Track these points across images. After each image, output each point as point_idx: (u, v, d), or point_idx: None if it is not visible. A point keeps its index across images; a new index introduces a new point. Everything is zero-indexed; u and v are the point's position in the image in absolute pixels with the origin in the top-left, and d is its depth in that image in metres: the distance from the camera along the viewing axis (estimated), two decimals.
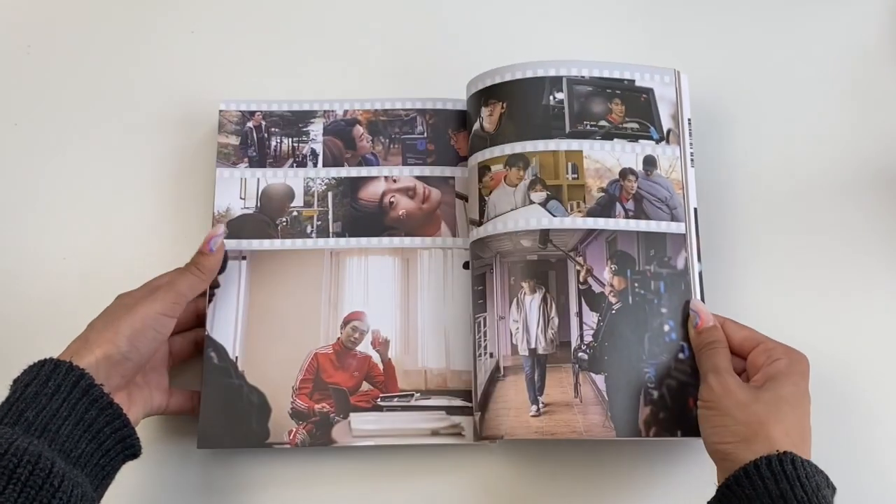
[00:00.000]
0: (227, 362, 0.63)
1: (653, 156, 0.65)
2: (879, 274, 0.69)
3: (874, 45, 0.76)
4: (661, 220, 0.64)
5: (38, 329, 0.66)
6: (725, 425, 0.53)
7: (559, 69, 0.65)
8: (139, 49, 0.76)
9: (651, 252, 0.63)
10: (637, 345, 0.61)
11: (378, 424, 0.62)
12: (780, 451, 0.50)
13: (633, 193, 0.64)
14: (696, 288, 0.63)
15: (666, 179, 0.65)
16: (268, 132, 0.69)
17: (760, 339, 0.59)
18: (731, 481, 0.50)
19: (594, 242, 0.63)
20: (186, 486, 0.62)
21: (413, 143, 0.69)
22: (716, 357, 0.58)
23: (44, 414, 0.49)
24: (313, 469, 0.63)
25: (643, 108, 0.66)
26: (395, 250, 0.66)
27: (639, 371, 0.60)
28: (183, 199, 0.70)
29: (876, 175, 0.72)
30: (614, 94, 0.66)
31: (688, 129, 0.67)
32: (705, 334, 0.60)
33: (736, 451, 0.52)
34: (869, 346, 0.67)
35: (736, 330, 0.60)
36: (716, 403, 0.55)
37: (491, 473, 0.63)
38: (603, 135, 0.65)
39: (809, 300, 0.68)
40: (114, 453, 0.52)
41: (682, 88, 0.67)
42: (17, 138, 0.73)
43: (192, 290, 0.59)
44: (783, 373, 0.56)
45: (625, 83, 0.66)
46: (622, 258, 0.63)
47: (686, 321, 0.61)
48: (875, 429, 0.65)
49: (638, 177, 0.64)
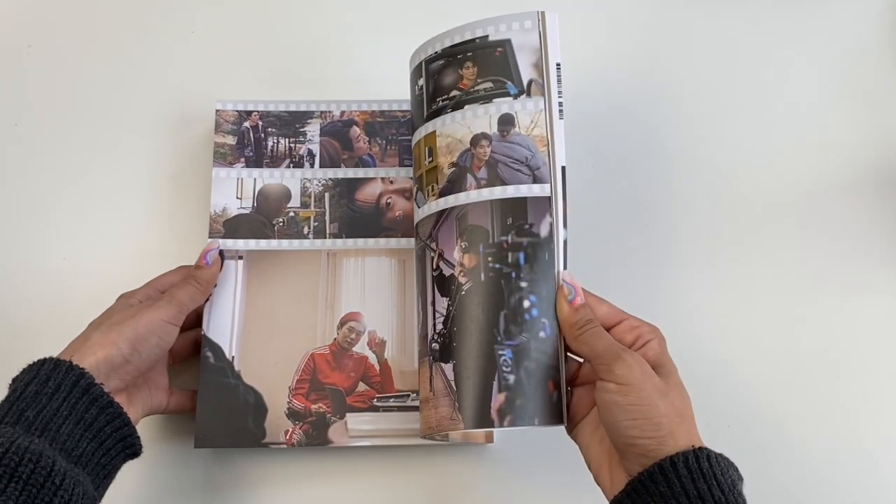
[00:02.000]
0: (224, 362, 0.63)
1: (509, 114, 0.56)
2: (880, 273, 0.69)
3: (874, 45, 0.76)
4: (520, 183, 0.56)
5: (38, 329, 0.66)
6: (648, 417, 0.48)
7: (420, 54, 0.60)
8: (138, 49, 0.76)
9: (508, 220, 0.55)
10: (489, 327, 0.54)
11: (374, 425, 0.62)
12: (696, 447, 0.47)
13: (486, 160, 0.56)
14: (560, 257, 0.55)
15: (526, 137, 0.56)
16: (264, 132, 0.69)
17: (622, 315, 0.54)
18: (645, 477, 0.47)
19: (445, 223, 0.57)
20: (183, 486, 0.63)
21: (410, 145, 0.69)
22: (606, 335, 0.52)
23: (44, 413, 0.49)
24: (309, 469, 0.63)
25: (498, 64, 0.57)
26: (392, 251, 0.66)
27: (491, 355, 0.53)
28: (180, 198, 0.70)
29: (876, 175, 0.72)
30: (465, 58, 0.58)
31: (555, 77, 0.57)
32: (583, 311, 0.53)
33: (660, 448, 0.47)
34: (870, 345, 0.67)
35: (598, 304, 0.54)
36: (635, 388, 0.48)
37: (486, 474, 0.63)
38: (453, 106, 0.58)
39: (809, 300, 0.68)
40: (114, 452, 0.53)
41: (546, 31, 0.57)
42: (17, 138, 0.73)
43: (192, 301, 0.60)
44: (663, 354, 0.52)
45: (476, 42, 0.58)
46: (473, 233, 0.56)
47: (554, 296, 0.54)
48: (877, 428, 0.65)
49: (491, 140, 0.57)
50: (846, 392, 0.66)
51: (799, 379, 0.66)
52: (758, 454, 0.64)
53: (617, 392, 0.49)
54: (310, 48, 0.76)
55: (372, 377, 0.63)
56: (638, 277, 0.68)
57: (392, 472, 0.63)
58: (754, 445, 0.64)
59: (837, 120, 0.74)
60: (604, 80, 0.74)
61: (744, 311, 0.67)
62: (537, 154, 0.56)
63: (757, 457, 0.64)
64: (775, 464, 0.64)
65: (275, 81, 0.74)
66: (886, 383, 0.66)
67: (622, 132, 0.73)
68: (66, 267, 0.69)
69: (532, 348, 0.53)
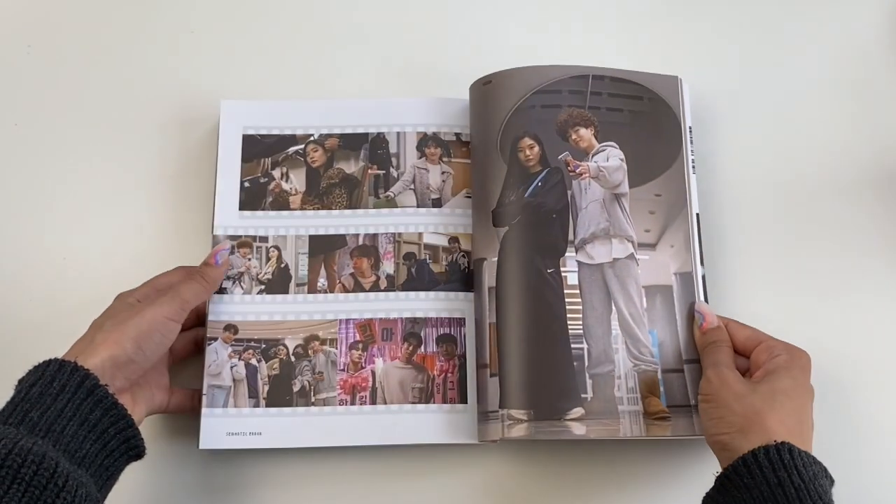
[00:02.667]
0: None
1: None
2: (880, 273, 0.69)
3: (874, 45, 0.76)
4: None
5: (38, 329, 0.66)
6: (722, 417, 0.54)
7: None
8: (139, 49, 0.75)
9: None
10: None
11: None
12: (778, 441, 0.51)
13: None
14: (700, 290, 0.64)
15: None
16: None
17: (763, 338, 0.60)
18: (730, 471, 0.51)
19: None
20: (187, 486, 0.62)
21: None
22: (717, 353, 0.59)
23: (48, 414, 0.49)
24: (313, 469, 0.63)
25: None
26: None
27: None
28: (183, 198, 0.70)
29: (875, 175, 0.72)
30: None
31: (689, 137, 0.68)
32: (709, 334, 0.61)
33: (733, 442, 0.53)
34: (870, 344, 0.67)
35: (739, 330, 0.61)
36: (714, 396, 0.56)
37: (490, 473, 0.63)
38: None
39: (809, 300, 0.68)
40: (118, 454, 0.52)
41: (683, 96, 0.69)
42: (17, 138, 0.72)
43: (196, 297, 0.60)
44: (782, 367, 0.57)
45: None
46: None
47: (692, 323, 0.63)
48: (880, 428, 0.65)
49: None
50: (845, 392, 0.66)
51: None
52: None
53: (702, 400, 0.57)
54: (312, 48, 0.76)
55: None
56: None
57: (395, 472, 0.63)
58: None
59: (837, 120, 0.74)
60: None
61: (742, 310, 0.67)
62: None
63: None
64: None
65: (277, 81, 0.74)
66: (886, 383, 0.66)
67: None
68: (66, 267, 0.68)
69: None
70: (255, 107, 0.70)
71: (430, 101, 0.71)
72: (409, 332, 0.64)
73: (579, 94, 0.68)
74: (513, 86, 0.67)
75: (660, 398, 0.61)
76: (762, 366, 0.58)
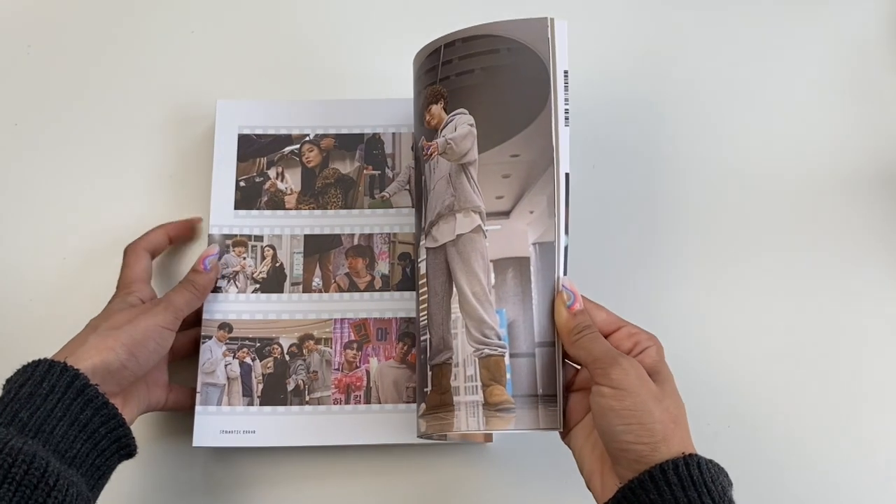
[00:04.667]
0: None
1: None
2: (879, 273, 0.69)
3: (874, 45, 0.76)
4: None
5: (38, 329, 0.66)
6: (642, 423, 0.47)
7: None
8: (137, 49, 0.76)
9: None
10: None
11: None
12: (686, 454, 0.47)
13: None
14: (561, 263, 0.56)
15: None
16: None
17: (620, 322, 0.54)
18: (635, 485, 0.46)
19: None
20: (181, 484, 0.63)
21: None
22: (604, 340, 0.52)
23: (38, 414, 0.49)
24: (307, 468, 0.63)
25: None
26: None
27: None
28: (179, 197, 0.70)
29: (875, 175, 0.72)
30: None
31: (563, 84, 0.57)
32: (581, 317, 0.53)
33: (653, 454, 0.47)
34: (870, 344, 0.67)
35: (596, 310, 0.54)
36: (630, 394, 0.48)
37: (484, 474, 0.63)
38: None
39: (809, 300, 0.68)
40: (109, 453, 0.52)
41: (555, 38, 0.57)
42: (17, 138, 0.73)
43: (188, 306, 0.60)
44: (661, 362, 0.52)
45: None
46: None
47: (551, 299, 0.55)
48: (875, 428, 0.65)
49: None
50: (845, 391, 0.66)
51: (798, 378, 0.66)
52: (757, 454, 0.64)
53: (612, 397, 0.48)
54: (310, 47, 0.76)
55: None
56: (634, 278, 0.68)
57: (391, 472, 0.63)
58: (753, 445, 0.64)
59: (837, 120, 0.73)
60: (602, 81, 0.74)
61: (743, 311, 0.67)
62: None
63: (756, 457, 0.64)
64: (775, 463, 0.64)
65: (273, 81, 0.74)
66: (885, 383, 0.66)
67: (621, 133, 0.73)
68: (66, 267, 0.69)
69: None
70: (250, 107, 0.70)
71: None
72: (404, 331, 0.65)
73: (432, 72, 0.60)
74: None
75: (505, 386, 0.54)
76: (629, 354, 0.51)
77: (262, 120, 0.70)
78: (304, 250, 0.67)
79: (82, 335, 0.55)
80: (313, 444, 0.62)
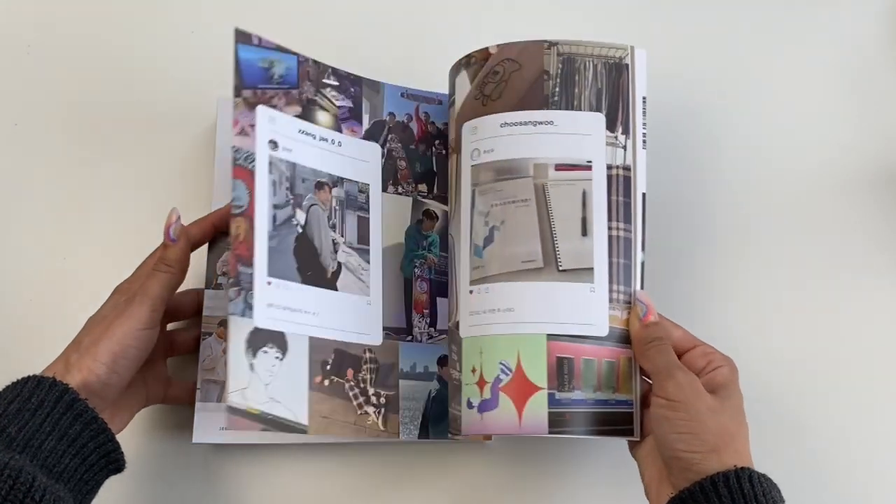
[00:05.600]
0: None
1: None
2: (879, 273, 0.69)
3: (874, 45, 0.76)
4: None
5: (38, 329, 0.66)
6: (694, 433, 0.50)
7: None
8: (138, 48, 0.76)
9: None
10: None
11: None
12: (738, 467, 0.48)
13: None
14: (638, 277, 0.59)
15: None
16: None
17: (696, 341, 0.56)
18: (686, 495, 0.48)
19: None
20: (181, 480, 0.63)
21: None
22: (669, 353, 0.54)
23: (27, 429, 0.49)
24: (306, 465, 0.63)
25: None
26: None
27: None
28: (181, 196, 0.70)
29: (875, 175, 0.72)
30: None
31: (641, 109, 0.61)
32: (652, 329, 0.56)
33: (703, 463, 0.49)
34: (870, 345, 0.67)
35: (672, 328, 0.57)
36: (685, 405, 0.50)
37: (482, 473, 0.64)
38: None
39: (809, 300, 0.68)
40: (97, 468, 0.52)
41: (634, 65, 0.61)
42: (17, 138, 0.73)
43: (166, 289, 0.56)
44: (730, 381, 0.53)
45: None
46: None
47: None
48: (884, 427, 0.65)
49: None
50: (846, 392, 0.66)
51: (799, 378, 0.66)
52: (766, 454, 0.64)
53: (667, 407, 0.51)
54: (310, 46, 0.76)
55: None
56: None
57: (391, 470, 0.63)
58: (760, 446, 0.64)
59: (837, 120, 0.74)
60: None
61: (743, 311, 0.68)
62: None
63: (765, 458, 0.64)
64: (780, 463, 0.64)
65: None
66: (888, 383, 0.66)
67: None
68: (66, 267, 0.69)
69: None
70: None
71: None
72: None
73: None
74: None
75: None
76: (701, 373, 0.54)
77: None
78: None
79: (64, 354, 0.54)
80: (312, 442, 0.62)
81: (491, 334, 0.58)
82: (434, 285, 0.65)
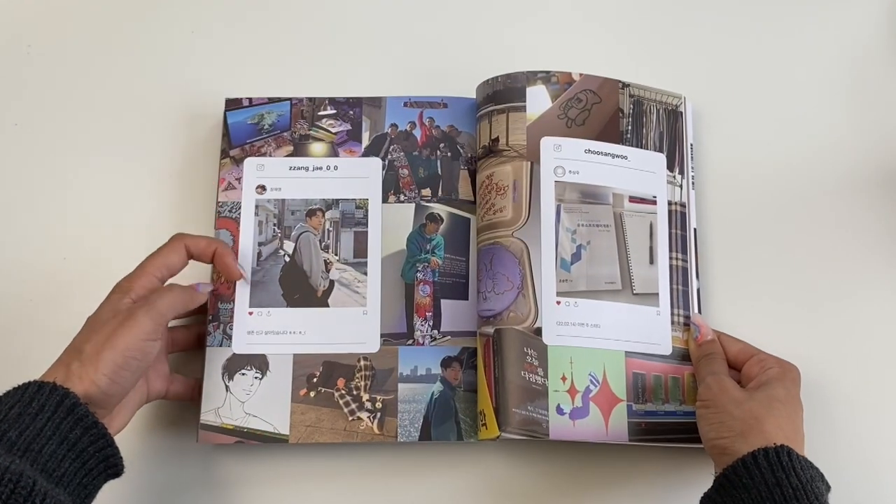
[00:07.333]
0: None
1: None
2: (879, 273, 0.69)
3: (874, 45, 0.76)
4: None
5: (38, 329, 0.66)
6: (722, 421, 0.57)
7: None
8: (140, 47, 0.76)
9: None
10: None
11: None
12: (777, 444, 0.53)
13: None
14: (695, 302, 0.66)
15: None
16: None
17: (754, 352, 0.63)
18: (730, 471, 0.53)
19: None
20: (186, 480, 0.63)
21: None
22: (714, 364, 0.62)
23: (27, 433, 0.49)
24: (312, 465, 0.63)
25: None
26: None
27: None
28: (184, 198, 0.70)
29: (875, 175, 0.72)
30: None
31: (689, 154, 0.70)
32: (705, 346, 0.63)
33: (733, 445, 0.55)
34: (869, 345, 0.67)
35: (731, 343, 0.64)
36: (713, 402, 0.58)
37: (489, 472, 0.64)
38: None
39: (809, 300, 0.69)
40: (96, 472, 0.52)
41: (686, 113, 0.70)
42: (17, 138, 0.73)
43: (172, 310, 0.58)
44: (775, 378, 0.59)
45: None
46: None
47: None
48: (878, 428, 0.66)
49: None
50: (846, 391, 0.66)
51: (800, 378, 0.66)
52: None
53: (701, 407, 0.59)
54: (315, 45, 0.76)
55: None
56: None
57: (391, 470, 0.64)
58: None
59: (838, 120, 0.74)
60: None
61: (743, 311, 0.68)
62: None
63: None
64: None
65: (280, 77, 0.74)
66: (887, 383, 0.67)
67: None
68: (67, 267, 0.69)
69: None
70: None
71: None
72: None
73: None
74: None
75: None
76: (754, 378, 0.60)
77: None
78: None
79: (65, 359, 0.54)
80: (317, 442, 0.62)
81: (580, 346, 0.63)
82: (438, 287, 0.66)
